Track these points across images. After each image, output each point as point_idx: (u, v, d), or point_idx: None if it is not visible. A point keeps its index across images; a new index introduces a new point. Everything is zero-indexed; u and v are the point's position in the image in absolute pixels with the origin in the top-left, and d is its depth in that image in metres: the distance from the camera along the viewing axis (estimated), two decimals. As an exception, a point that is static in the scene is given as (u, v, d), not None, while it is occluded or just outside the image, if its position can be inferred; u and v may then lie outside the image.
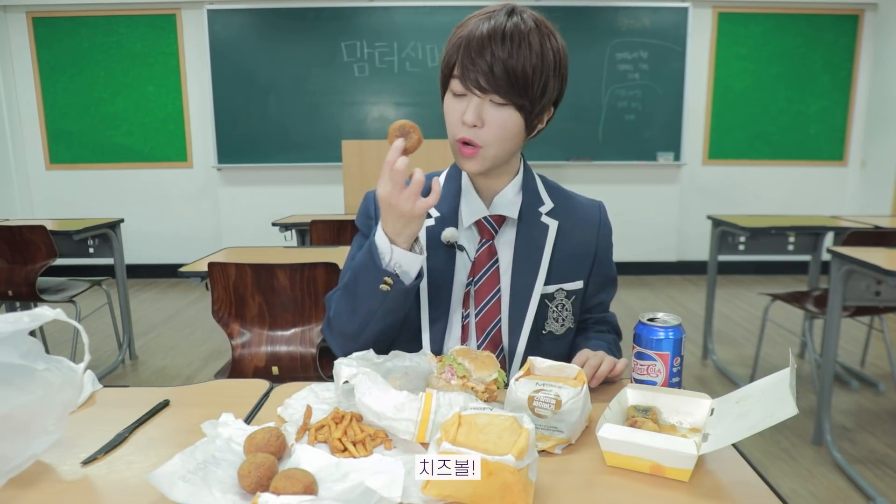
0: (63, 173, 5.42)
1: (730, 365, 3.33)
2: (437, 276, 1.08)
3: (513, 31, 0.94)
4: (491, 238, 1.09)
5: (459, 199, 1.11)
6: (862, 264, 2.13)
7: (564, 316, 1.10)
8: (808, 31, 5.23)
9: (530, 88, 0.95)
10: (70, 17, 5.13)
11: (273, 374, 1.92)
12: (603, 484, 0.72)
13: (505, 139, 0.99)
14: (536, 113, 1.00)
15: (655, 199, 5.42)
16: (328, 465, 0.71)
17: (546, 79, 0.96)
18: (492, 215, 1.09)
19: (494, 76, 0.94)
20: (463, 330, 1.09)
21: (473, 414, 0.70)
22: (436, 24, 5.03)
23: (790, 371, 0.73)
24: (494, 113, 0.97)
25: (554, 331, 1.10)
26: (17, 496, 0.70)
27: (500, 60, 0.93)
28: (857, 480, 2.17)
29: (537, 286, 1.07)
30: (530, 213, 1.10)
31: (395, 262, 0.97)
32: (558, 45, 0.99)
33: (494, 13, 0.97)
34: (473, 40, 0.95)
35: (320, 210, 5.19)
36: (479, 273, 1.08)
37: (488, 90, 0.95)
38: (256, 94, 5.12)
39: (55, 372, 0.76)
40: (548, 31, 0.97)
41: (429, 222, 1.10)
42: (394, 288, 0.96)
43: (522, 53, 0.93)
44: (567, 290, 1.10)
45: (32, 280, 2.92)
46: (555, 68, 0.97)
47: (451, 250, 1.09)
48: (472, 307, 1.08)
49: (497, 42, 0.93)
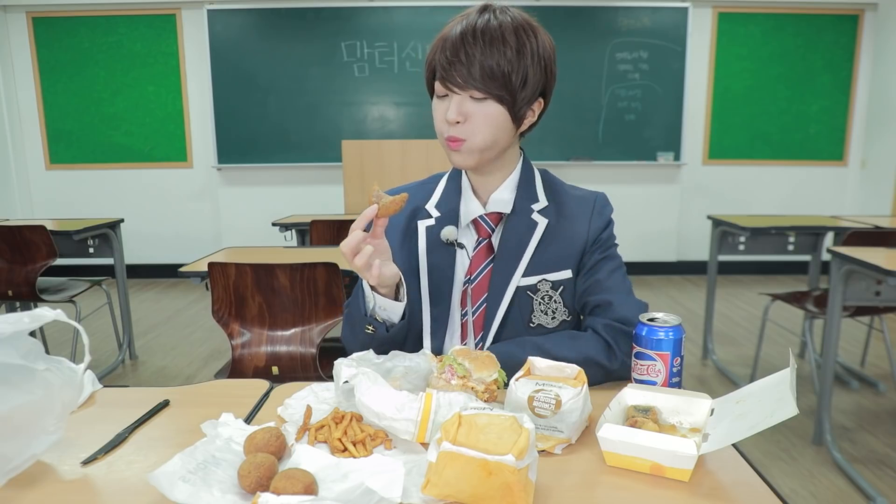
0: (63, 173, 5.42)
1: (730, 365, 3.33)
2: (438, 274, 1.09)
3: (484, 28, 0.95)
4: (487, 236, 1.09)
5: (459, 199, 1.12)
6: (862, 264, 2.13)
7: (554, 308, 1.08)
8: (808, 31, 5.23)
9: (508, 81, 0.96)
10: (70, 17, 5.13)
11: (273, 374, 1.92)
12: (603, 484, 0.72)
13: (490, 130, 1.00)
14: (520, 104, 0.99)
15: (655, 199, 5.42)
16: (328, 465, 0.71)
17: (524, 70, 0.97)
18: (488, 213, 1.09)
19: (470, 72, 0.95)
20: (462, 328, 1.09)
21: (473, 414, 0.70)
22: (436, 24, 5.01)
23: (790, 371, 0.73)
24: (476, 107, 0.98)
25: (544, 324, 1.08)
26: (17, 496, 0.70)
27: (473, 57, 0.95)
28: (857, 480, 2.17)
29: (514, 279, 1.06)
30: (522, 209, 1.09)
31: (379, 306, 1.02)
32: (538, 40, 0.98)
33: (469, 14, 0.99)
34: (448, 41, 0.97)
35: (320, 210, 5.19)
36: (475, 271, 1.08)
37: (466, 86, 0.96)
38: (256, 94, 5.12)
39: (55, 372, 0.76)
40: (526, 26, 0.98)
41: (429, 222, 1.11)
42: (377, 333, 1.02)
43: (496, 48, 0.94)
44: (552, 280, 1.07)
45: (32, 280, 2.92)
46: (535, 60, 0.97)
47: (452, 249, 1.10)
48: (469, 305, 1.08)
49: (469, 40, 0.95)
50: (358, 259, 0.91)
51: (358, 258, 0.91)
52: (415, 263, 1.11)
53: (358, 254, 0.91)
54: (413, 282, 1.10)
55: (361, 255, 0.91)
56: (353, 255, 0.91)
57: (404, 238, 1.12)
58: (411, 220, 1.13)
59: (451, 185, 1.13)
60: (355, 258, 0.91)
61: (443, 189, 1.14)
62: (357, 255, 0.91)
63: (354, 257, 0.91)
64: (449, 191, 1.13)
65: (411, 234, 1.12)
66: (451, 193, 1.12)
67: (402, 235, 1.13)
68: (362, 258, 0.91)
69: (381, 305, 1.02)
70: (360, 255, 0.91)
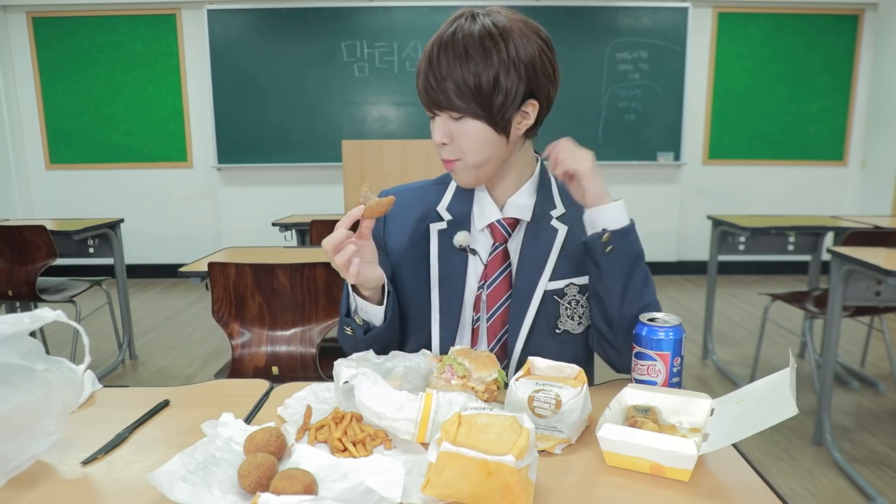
0: (63, 173, 5.42)
1: (730, 365, 3.33)
2: (449, 279, 1.07)
3: (448, 44, 0.94)
4: (504, 241, 1.07)
5: (472, 202, 1.10)
6: (862, 264, 2.13)
7: (581, 313, 1.07)
8: (808, 31, 5.23)
9: (477, 94, 0.94)
10: (70, 17, 5.13)
11: (273, 374, 1.92)
12: (603, 484, 0.72)
13: (478, 148, 0.98)
14: (499, 114, 0.95)
15: (655, 199, 5.42)
16: (328, 465, 0.71)
17: (495, 80, 0.93)
18: (505, 218, 1.07)
19: (441, 93, 0.95)
20: (473, 333, 1.08)
21: (473, 414, 0.70)
22: (436, 24, 4.93)
23: (790, 371, 0.73)
24: (457, 126, 0.98)
25: (570, 329, 1.06)
26: (17, 496, 0.70)
27: (440, 78, 0.94)
28: (857, 480, 2.17)
29: (541, 283, 1.05)
30: (542, 215, 1.08)
31: (361, 308, 1.03)
32: (509, 44, 0.93)
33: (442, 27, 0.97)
34: (421, 65, 0.97)
35: (320, 210, 5.19)
36: (491, 276, 1.06)
37: (442, 107, 0.96)
38: (256, 94, 5.12)
39: (55, 372, 0.76)
40: (493, 32, 0.93)
41: (441, 226, 1.09)
42: (355, 335, 1.04)
43: (460, 64, 0.93)
44: (579, 284, 1.06)
45: (32, 280, 2.92)
46: (506, 65, 0.93)
47: (463, 254, 1.08)
48: (483, 311, 1.07)
49: (434, 61, 0.94)
50: (339, 257, 0.91)
51: (339, 256, 0.91)
52: (424, 268, 1.09)
53: (340, 251, 0.91)
54: (422, 286, 1.08)
55: (343, 252, 0.91)
56: (334, 252, 0.91)
57: (412, 241, 1.10)
58: (421, 222, 1.11)
59: (463, 190, 1.11)
60: (336, 255, 0.91)
61: (454, 191, 1.12)
62: (339, 252, 0.91)
63: (336, 254, 0.91)
64: (460, 193, 1.11)
65: (421, 237, 1.10)
66: (462, 195, 1.10)
67: (409, 238, 1.11)
68: (343, 256, 0.90)
69: (361, 307, 1.02)
70: (341, 253, 0.91)
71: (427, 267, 1.09)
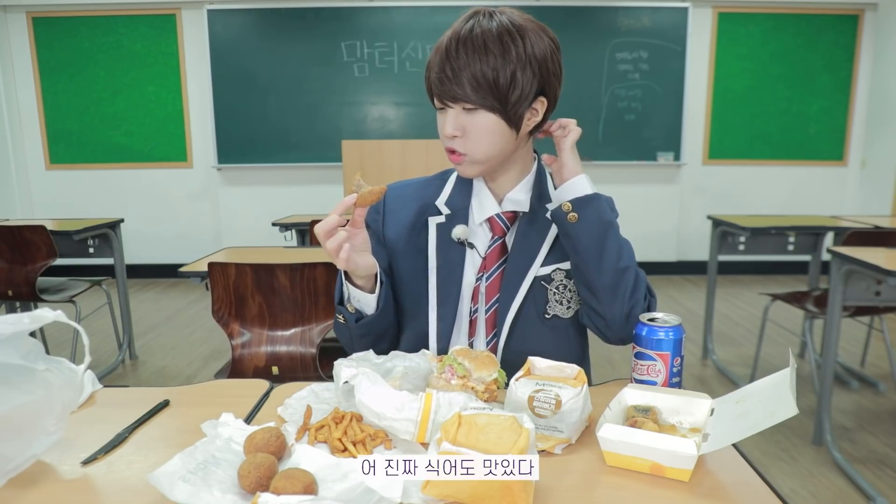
0: (63, 173, 5.42)
1: (730, 365, 3.33)
2: (447, 272, 1.09)
3: (467, 38, 0.95)
4: (503, 235, 1.09)
5: (470, 196, 1.12)
6: (862, 264, 2.13)
7: (569, 297, 1.09)
8: (808, 31, 5.23)
9: (495, 88, 0.95)
10: (70, 17, 5.13)
11: (273, 374, 1.92)
12: (603, 484, 0.72)
13: (488, 142, 1.00)
14: (513, 109, 0.98)
15: (655, 199, 5.42)
16: (328, 465, 0.71)
17: (512, 75, 0.95)
18: (504, 212, 1.09)
19: (457, 86, 0.96)
20: (471, 325, 1.09)
21: (473, 414, 0.70)
22: (436, 24, 5.03)
23: (790, 371, 0.73)
24: (470, 119, 0.99)
25: (560, 314, 1.09)
26: (17, 496, 0.70)
27: (458, 70, 0.95)
28: (857, 480, 2.17)
29: (531, 271, 1.07)
30: (537, 208, 1.10)
31: (354, 297, 1.04)
32: (526, 41, 0.96)
33: (457, 22, 0.99)
34: (436, 56, 0.98)
35: (320, 210, 5.18)
36: (489, 269, 1.08)
37: (457, 99, 0.97)
38: (256, 94, 5.12)
39: (55, 372, 0.76)
40: (511, 29, 0.95)
41: (440, 219, 1.11)
42: (347, 322, 1.05)
43: (479, 57, 0.94)
44: (565, 269, 1.09)
45: (32, 280, 2.92)
46: (523, 62, 0.95)
47: (462, 247, 1.10)
48: (481, 303, 1.09)
49: (453, 53, 0.95)
50: (330, 242, 0.91)
51: (330, 241, 0.91)
52: (422, 261, 1.10)
53: (331, 237, 0.92)
54: (419, 278, 1.10)
55: (334, 239, 0.91)
56: (325, 238, 0.92)
57: (411, 234, 1.12)
58: (419, 215, 1.12)
59: (461, 182, 1.13)
60: (328, 241, 0.92)
61: (453, 185, 1.14)
62: (330, 238, 0.92)
63: (327, 240, 0.92)
64: (460, 187, 1.13)
65: (419, 230, 1.12)
66: (462, 190, 1.12)
67: (408, 231, 1.12)
68: (334, 242, 0.91)
69: (354, 296, 1.04)
70: (332, 239, 0.91)
71: (425, 259, 1.10)
